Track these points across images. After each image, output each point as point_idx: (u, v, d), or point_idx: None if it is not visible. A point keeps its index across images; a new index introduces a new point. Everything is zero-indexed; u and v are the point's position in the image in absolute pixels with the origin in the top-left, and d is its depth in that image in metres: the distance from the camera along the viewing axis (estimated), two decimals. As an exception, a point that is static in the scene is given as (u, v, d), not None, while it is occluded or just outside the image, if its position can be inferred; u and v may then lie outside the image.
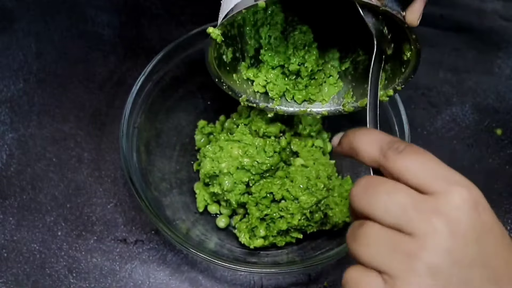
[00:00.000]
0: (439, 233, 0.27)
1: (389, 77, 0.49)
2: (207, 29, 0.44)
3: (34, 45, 0.67)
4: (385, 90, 0.49)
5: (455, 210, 0.28)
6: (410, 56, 0.45)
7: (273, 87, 0.53)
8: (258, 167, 0.52)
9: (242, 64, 0.52)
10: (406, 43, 0.44)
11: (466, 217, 0.28)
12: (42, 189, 0.59)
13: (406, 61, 0.46)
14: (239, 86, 0.52)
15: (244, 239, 0.53)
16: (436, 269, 0.27)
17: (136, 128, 0.54)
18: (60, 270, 0.55)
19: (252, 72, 0.52)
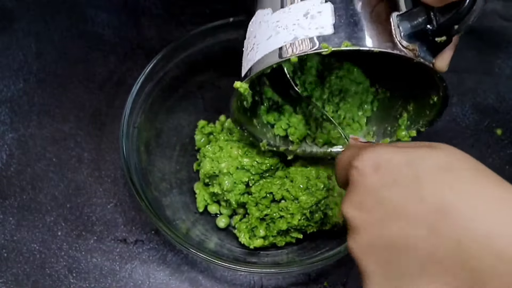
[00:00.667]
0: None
1: (412, 118, 0.50)
2: (234, 84, 0.44)
3: (34, 45, 0.67)
4: (407, 131, 0.50)
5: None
6: (436, 100, 0.46)
7: (294, 132, 0.53)
8: (257, 167, 0.52)
9: (262, 108, 0.53)
10: (434, 88, 0.45)
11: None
12: (42, 189, 0.59)
13: (432, 104, 0.47)
14: (259, 130, 0.53)
15: (244, 239, 0.53)
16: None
17: (136, 128, 0.54)
18: (60, 270, 0.55)
19: (273, 116, 0.53)
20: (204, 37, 0.56)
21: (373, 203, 0.31)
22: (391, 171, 0.31)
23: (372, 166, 0.32)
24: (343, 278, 0.55)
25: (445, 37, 0.38)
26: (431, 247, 0.29)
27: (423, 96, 0.47)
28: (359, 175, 0.32)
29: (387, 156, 0.31)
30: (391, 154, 0.31)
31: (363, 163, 0.32)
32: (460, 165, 0.30)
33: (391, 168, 0.31)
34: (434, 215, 0.28)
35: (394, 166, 0.31)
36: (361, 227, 0.32)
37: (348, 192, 0.33)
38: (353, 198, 0.32)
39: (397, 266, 0.30)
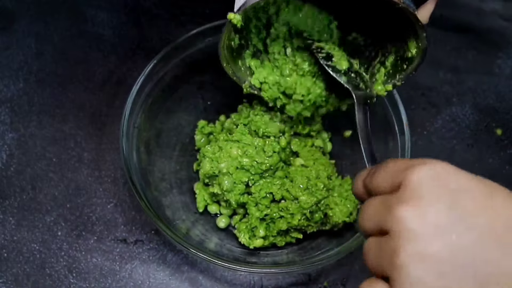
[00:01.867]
0: (408, 223, 0.27)
1: (389, 73, 0.50)
2: (228, 15, 0.44)
3: (34, 45, 0.67)
4: (384, 85, 0.50)
5: (416, 188, 0.28)
6: (415, 53, 0.46)
7: (267, 90, 0.53)
8: (257, 167, 0.52)
9: (247, 52, 0.52)
10: (412, 41, 0.45)
11: (427, 189, 0.28)
12: (42, 189, 0.59)
13: (409, 58, 0.47)
14: (242, 72, 0.53)
15: (244, 239, 0.53)
16: (419, 256, 0.27)
17: (136, 128, 0.54)
18: (60, 270, 0.55)
19: (256, 63, 0.53)
20: (204, 37, 0.56)
21: (442, 208, 0.28)
22: (462, 180, 0.29)
23: (439, 172, 0.28)
24: (343, 278, 0.55)
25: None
26: (498, 266, 0.27)
27: (402, 49, 0.48)
28: (424, 177, 0.28)
29: (453, 168, 0.29)
30: (457, 170, 0.29)
31: (429, 166, 0.29)
32: None
33: (461, 178, 0.28)
34: (506, 229, 0.27)
35: (463, 177, 0.29)
36: (422, 235, 0.28)
37: (405, 195, 0.29)
38: (415, 200, 0.28)
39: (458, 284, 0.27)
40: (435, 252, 0.27)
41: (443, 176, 0.28)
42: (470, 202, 0.28)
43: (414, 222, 0.27)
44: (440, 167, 0.28)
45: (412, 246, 0.27)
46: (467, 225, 0.27)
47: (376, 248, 0.29)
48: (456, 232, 0.27)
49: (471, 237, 0.27)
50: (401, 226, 0.28)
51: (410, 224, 0.27)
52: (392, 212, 0.28)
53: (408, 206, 0.28)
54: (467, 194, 0.28)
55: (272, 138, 0.55)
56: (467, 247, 0.27)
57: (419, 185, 0.28)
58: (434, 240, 0.27)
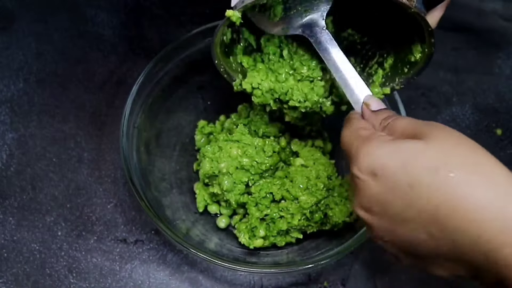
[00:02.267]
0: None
1: (387, 76, 0.49)
2: (226, 13, 0.42)
3: (34, 45, 0.67)
4: (381, 88, 0.49)
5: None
6: (419, 58, 0.45)
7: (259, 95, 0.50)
8: (257, 167, 0.52)
9: (238, 47, 0.50)
10: (417, 45, 0.44)
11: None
12: (42, 189, 0.59)
13: (412, 62, 0.46)
14: (234, 70, 0.51)
15: (244, 239, 0.53)
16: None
17: (136, 128, 0.54)
18: (60, 270, 0.55)
19: (247, 60, 0.51)
20: (204, 37, 0.56)
21: (378, 209, 0.34)
22: (388, 177, 0.33)
23: (370, 173, 0.34)
24: (343, 278, 0.55)
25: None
26: (433, 247, 0.32)
27: (403, 52, 0.47)
28: (360, 182, 0.34)
29: (381, 161, 0.33)
30: (385, 159, 0.33)
31: (360, 172, 0.34)
32: (451, 163, 0.31)
33: (387, 175, 0.33)
34: (429, 220, 0.31)
35: (389, 172, 0.33)
36: (373, 227, 0.35)
37: (355, 194, 0.35)
38: (361, 201, 0.35)
39: (411, 253, 0.34)
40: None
41: (372, 179, 0.34)
42: (395, 206, 0.33)
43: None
44: (369, 167, 0.34)
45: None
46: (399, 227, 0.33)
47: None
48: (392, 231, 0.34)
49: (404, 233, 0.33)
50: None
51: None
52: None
53: (355, 202, 0.36)
54: (391, 194, 0.33)
55: (272, 138, 0.55)
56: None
57: (357, 189, 0.35)
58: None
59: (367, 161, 0.34)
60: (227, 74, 0.51)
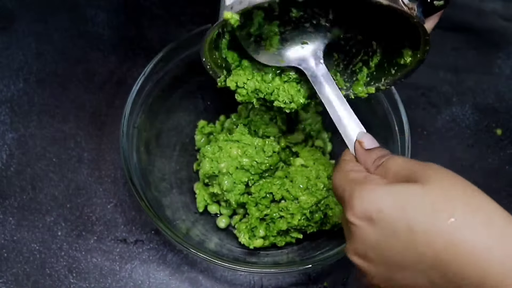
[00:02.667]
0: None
1: (373, 75, 0.48)
2: (224, 16, 0.40)
3: (34, 45, 0.67)
4: (365, 87, 0.48)
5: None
6: (409, 62, 0.45)
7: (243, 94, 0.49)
8: (257, 167, 0.52)
9: (223, 41, 0.48)
10: (408, 49, 0.44)
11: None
12: (42, 189, 0.59)
13: (401, 65, 0.45)
14: (219, 64, 0.49)
15: (243, 239, 0.53)
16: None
17: (136, 128, 0.54)
18: (60, 270, 0.55)
19: (232, 55, 0.49)
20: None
21: (374, 255, 0.33)
22: (385, 222, 0.32)
23: (365, 218, 0.33)
24: (343, 278, 0.55)
25: (443, 1, 0.38)
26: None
27: (392, 54, 0.46)
28: (354, 228, 0.33)
29: (377, 205, 0.32)
30: (381, 203, 0.32)
31: (354, 217, 0.33)
32: (450, 207, 0.31)
33: (384, 220, 0.32)
34: (430, 266, 0.30)
35: (386, 217, 0.32)
36: (369, 274, 0.34)
37: (349, 240, 0.35)
38: (355, 248, 0.34)
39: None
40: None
41: (368, 224, 0.33)
42: (393, 251, 0.32)
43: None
44: (364, 210, 0.33)
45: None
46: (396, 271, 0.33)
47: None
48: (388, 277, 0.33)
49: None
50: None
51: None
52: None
53: (349, 247, 0.35)
54: (391, 240, 0.32)
55: (272, 138, 0.55)
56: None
57: (352, 235, 0.34)
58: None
59: (362, 206, 0.33)
60: (212, 71, 0.49)
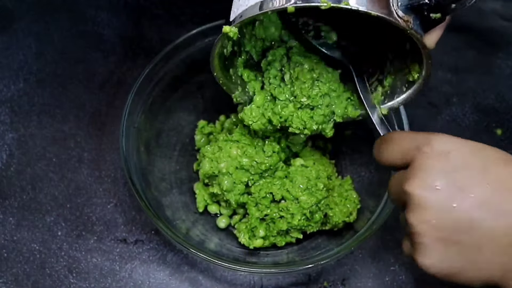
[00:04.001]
0: (416, 199, 0.36)
1: (387, 94, 0.49)
2: (223, 29, 0.43)
3: (34, 45, 0.67)
4: (379, 107, 0.49)
5: (423, 169, 0.36)
6: (417, 78, 0.45)
7: (259, 125, 0.51)
8: (257, 167, 0.52)
9: (239, 60, 0.50)
10: (415, 65, 0.44)
11: (432, 170, 0.36)
12: (42, 189, 0.59)
13: (410, 81, 0.46)
14: (234, 81, 0.51)
15: (243, 240, 0.53)
16: (427, 223, 0.36)
17: (136, 128, 0.54)
18: (60, 270, 0.55)
19: (247, 73, 0.51)
20: (204, 37, 0.56)
21: (443, 184, 0.35)
22: (461, 157, 0.35)
23: (443, 151, 0.36)
24: (343, 278, 0.55)
25: (440, 15, 0.38)
26: (491, 228, 0.34)
27: (403, 72, 0.47)
28: (429, 158, 0.36)
29: (456, 145, 0.36)
30: (460, 144, 0.36)
31: (433, 148, 0.36)
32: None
33: (461, 155, 0.35)
34: (498, 197, 0.34)
35: (463, 153, 0.35)
36: (429, 206, 0.35)
37: (414, 173, 0.36)
38: (422, 179, 0.35)
39: (457, 245, 0.35)
40: (439, 219, 0.35)
41: (444, 157, 0.35)
42: (468, 180, 0.35)
43: (422, 197, 0.35)
44: (441, 147, 0.36)
45: (420, 214, 0.35)
46: (464, 196, 0.34)
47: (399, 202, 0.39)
48: (456, 202, 0.34)
49: (467, 205, 0.34)
50: (411, 200, 0.36)
51: (418, 200, 0.35)
52: (405, 188, 0.36)
53: (416, 184, 0.35)
54: (465, 171, 0.35)
55: (272, 138, 0.55)
56: (465, 212, 0.34)
57: (425, 168, 0.36)
58: (439, 211, 0.35)
59: (441, 141, 0.38)
60: (226, 86, 0.51)
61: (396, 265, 0.55)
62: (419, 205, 0.35)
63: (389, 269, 0.55)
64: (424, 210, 0.35)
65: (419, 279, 0.55)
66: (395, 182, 0.39)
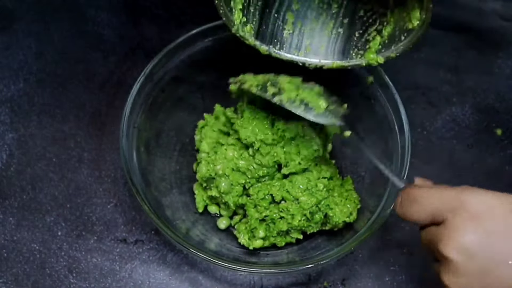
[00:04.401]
0: (449, 254, 0.37)
1: (384, 43, 0.49)
2: None
3: (34, 45, 0.67)
4: (376, 55, 0.49)
5: (456, 230, 0.37)
6: (416, 25, 0.45)
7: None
8: (254, 172, 0.52)
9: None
10: (416, 11, 0.44)
11: (464, 228, 0.36)
12: (42, 189, 0.59)
13: (410, 30, 0.46)
14: (233, 14, 0.50)
15: (243, 240, 0.53)
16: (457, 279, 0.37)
17: (136, 128, 0.54)
18: (60, 270, 0.55)
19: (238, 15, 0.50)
20: (204, 37, 0.56)
21: (480, 250, 0.36)
22: (496, 219, 0.36)
23: (477, 213, 0.36)
24: (343, 278, 0.55)
25: None
26: None
27: (402, 20, 0.46)
28: (465, 220, 0.36)
29: (490, 205, 0.36)
30: (494, 202, 0.36)
31: (467, 210, 0.36)
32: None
33: (496, 217, 0.36)
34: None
35: (497, 215, 0.36)
36: (466, 273, 0.36)
37: (449, 235, 0.37)
38: (459, 242, 0.36)
39: None
40: (474, 283, 0.36)
41: (479, 219, 0.36)
42: (505, 244, 0.36)
43: (459, 263, 0.36)
44: (476, 208, 0.36)
45: (456, 278, 0.37)
46: (502, 263, 0.35)
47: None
48: (492, 268, 0.36)
49: (506, 274, 0.36)
50: (447, 263, 0.37)
51: (455, 265, 0.36)
52: (440, 250, 0.37)
53: (451, 247, 0.36)
54: (501, 234, 0.36)
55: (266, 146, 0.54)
56: (500, 281, 0.36)
57: (460, 229, 0.36)
58: (475, 277, 0.36)
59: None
60: (226, 17, 0.49)
61: (396, 265, 0.55)
62: (457, 270, 0.36)
63: (389, 269, 0.55)
64: (461, 276, 0.36)
65: (419, 279, 0.55)
66: (427, 237, 0.39)
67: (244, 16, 0.50)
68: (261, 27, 0.52)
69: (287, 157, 0.52)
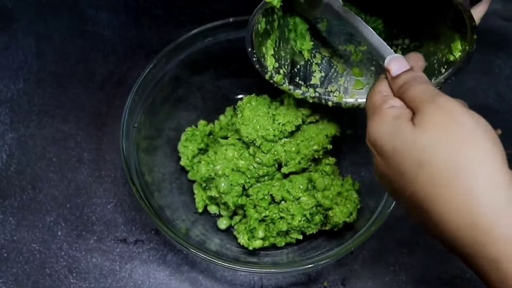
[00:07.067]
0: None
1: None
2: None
3: (34, 45, 0.67)
4: None
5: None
6: (458, 57, 0.43)
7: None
8: (254, 171, 0.52)
9: (269, 41, 0.48)
10: (457, 43, 0.43)
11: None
12: (42, 189, 0.59)
13: (450, 62, 0.44)
14: (265, 61, 0.49)
15: (243, 241, 0.53)
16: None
17: (136, 128, 0.54)
18: (60, 270, 0.55)
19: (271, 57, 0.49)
20: (204, 37, 0.56)
21: (383, 182, 0.36)
22: (384, 157, 0.35)
23: (373, 146, 0.36)
24: (343, 278, 0.55)
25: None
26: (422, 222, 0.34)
27: (441, 52, 0.45)
28: (371, 147, 0.36)
29: (379, 141, 0.35)
30: (382, 140, 0.35)
31: (368, 142, 0.36)
32: (434, 160, 0.32)
33: (383, 156, 0.35)
34: (418, 209, 0.33)
35: (384, 154, 0.35)
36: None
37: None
38: (375, 168, 0.37)
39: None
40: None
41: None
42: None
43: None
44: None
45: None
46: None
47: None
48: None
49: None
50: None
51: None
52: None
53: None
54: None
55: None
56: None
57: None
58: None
59: (371, 135, 0.36)
60: (259, 64, 0.48)
61: (396, 265, 0.55)
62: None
63: (389, 269, 0.55)
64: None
65: (419, 279, 0.55)
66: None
67: (277, 62, 0.49)
68: (292, 69, 0.51)
69: (287, 156, 0.51)
